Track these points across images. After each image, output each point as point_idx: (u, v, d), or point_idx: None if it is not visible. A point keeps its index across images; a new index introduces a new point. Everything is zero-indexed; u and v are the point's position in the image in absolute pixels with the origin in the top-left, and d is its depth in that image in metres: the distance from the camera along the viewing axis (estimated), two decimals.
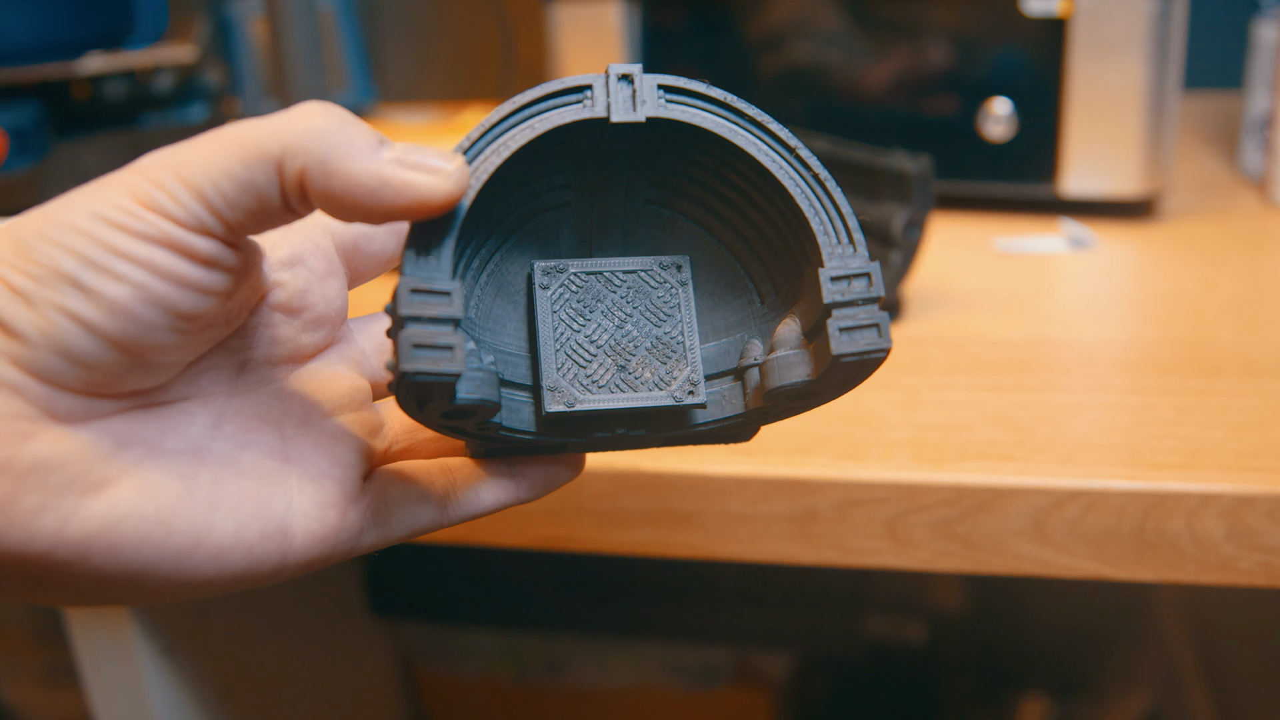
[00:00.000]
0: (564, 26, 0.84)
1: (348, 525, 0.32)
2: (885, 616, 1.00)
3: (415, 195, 0.28)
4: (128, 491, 0.28)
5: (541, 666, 1.00)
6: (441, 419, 0.31)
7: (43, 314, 0.27)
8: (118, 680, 0.65)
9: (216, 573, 0.29)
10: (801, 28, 0.81)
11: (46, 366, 0.27)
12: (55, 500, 0.27)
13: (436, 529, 0.35)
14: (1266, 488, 0.45)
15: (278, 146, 0.28)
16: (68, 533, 0.27)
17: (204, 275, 0.28)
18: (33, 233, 0.27)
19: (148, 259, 0.27)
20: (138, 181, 0.28)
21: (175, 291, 0.28)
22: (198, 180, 0.28)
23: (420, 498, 0.34)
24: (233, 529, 0.30)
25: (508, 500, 0.35)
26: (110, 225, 0.27)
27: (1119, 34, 0.73)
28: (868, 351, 0.30)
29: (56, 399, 0.27)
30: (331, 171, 0.28)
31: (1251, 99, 0.85)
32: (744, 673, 0.96)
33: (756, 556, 0.50)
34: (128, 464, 0.28)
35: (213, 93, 0.95)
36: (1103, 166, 0.76)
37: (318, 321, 0.34)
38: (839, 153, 0.65)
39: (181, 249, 0.27)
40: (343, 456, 0.33)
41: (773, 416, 0.34)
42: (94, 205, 0.27)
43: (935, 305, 0.65)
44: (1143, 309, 0.64)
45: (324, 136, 0.28)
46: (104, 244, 0.27)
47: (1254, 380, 0.54)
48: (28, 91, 0.86)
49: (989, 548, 0.48)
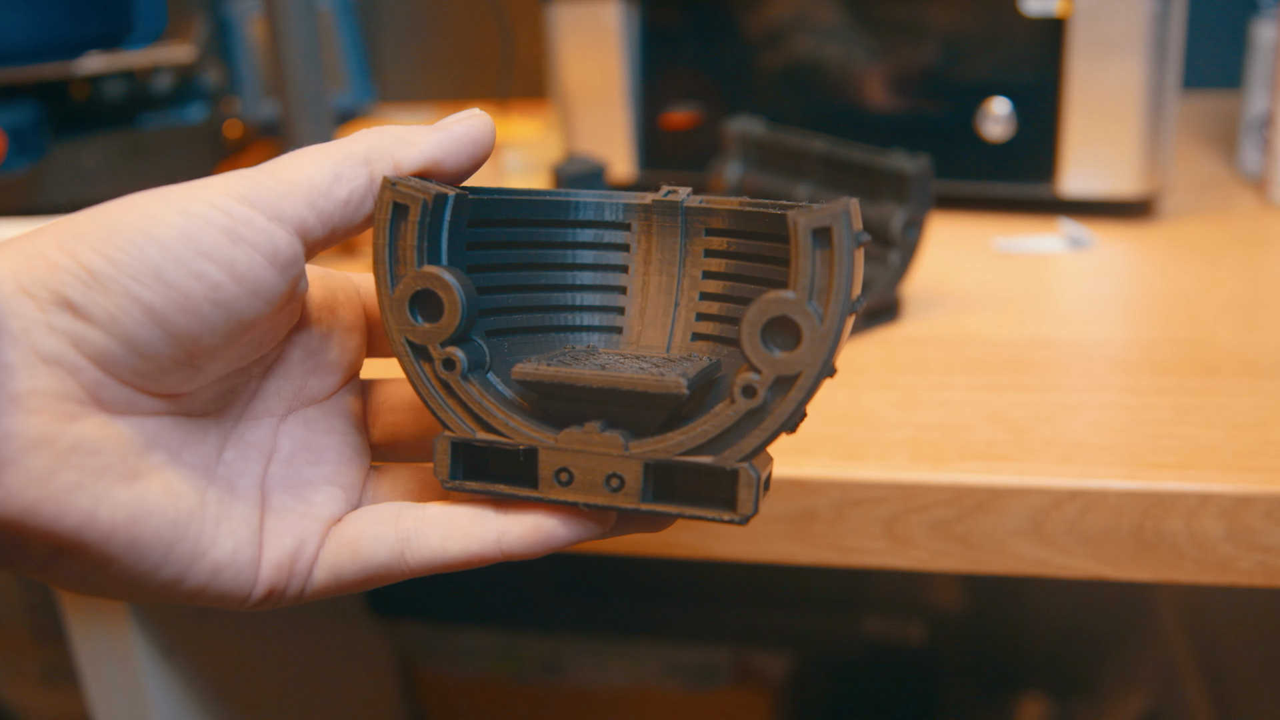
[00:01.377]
0: (563, 26, 0.84)
1: (303, 557, 0.33)
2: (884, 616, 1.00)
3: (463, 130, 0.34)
4: (155, 489, 0.29)
5: (540, 666, 1.00)
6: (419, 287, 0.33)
7: (114, 300, 0.28)
8: (116, 680, 0.65)
9: (206, 586, 0.31)
10: (801, 27, 0.82)
11: (106, 352, 0.28)
12: (92, 481, 0.28)
13: (395, 571, 0.33)
14: (1265, 487, 0.45)
15: (361, 147, 0.32)
16: (98, 515, 0.28)
17: (275, 282, 0.30)
18: (123, 219, 0.29)
19: (229, 259, 0.29)
20: (236, 180, 0.30)
21: (245, 297, 0.30)
22: (296, 175, 0.31)
23: (376, 538, 0.33)
24: (230, 549, 0.31)
25: (480, 550, 0.33)
26: (202, 222, 0.29)
27: (1118, 34, 0.73)
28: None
29: (105, 386, 0.28)
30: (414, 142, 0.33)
31: (1250, 99, 0.85)
32: (743, 673, 0.96)
33: (755, 556, 0.50)
34: (155, 464, 0.30)
35: (211, 93, 0.95)
36: (1101, 166, 0.76)
37: (330, 368, 0.36)
38: (838, 153, 0.65)
39: (267, 249, 0.30)
40: (313, 508, 0.34)
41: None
42: (187, 202, 0.29)
43: (934, 305, 0.65)
44: (1141, 309, 0.64)
45: (392, 130, 0.33)
46: (192, 240, 0.29)
47: (1252, 380, 0.54)
48: (26, 91, 0.86)
49: (987, 548, 0.48)
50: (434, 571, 0.33)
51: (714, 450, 0.32)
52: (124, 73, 0.88)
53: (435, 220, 0.33)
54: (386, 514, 0.33)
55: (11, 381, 0.27)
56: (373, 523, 0.33)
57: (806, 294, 0.30)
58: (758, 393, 0.31)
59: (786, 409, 0.31)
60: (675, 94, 0.85)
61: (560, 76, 0.86)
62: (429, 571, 0.33)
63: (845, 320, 0.31)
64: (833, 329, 0.30)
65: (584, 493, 0.32)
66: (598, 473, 0.32)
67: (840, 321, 0.30)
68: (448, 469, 0.34)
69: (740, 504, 0.32)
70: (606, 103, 0.85)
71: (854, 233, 0.31)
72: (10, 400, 0.27)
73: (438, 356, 0.33)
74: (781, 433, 0.32)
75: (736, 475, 0.32)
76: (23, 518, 0.27)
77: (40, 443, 0.27)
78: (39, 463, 0.27)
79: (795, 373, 0.31)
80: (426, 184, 0.33)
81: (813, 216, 0.31)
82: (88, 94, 0.88)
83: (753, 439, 0.31)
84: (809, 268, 0.30)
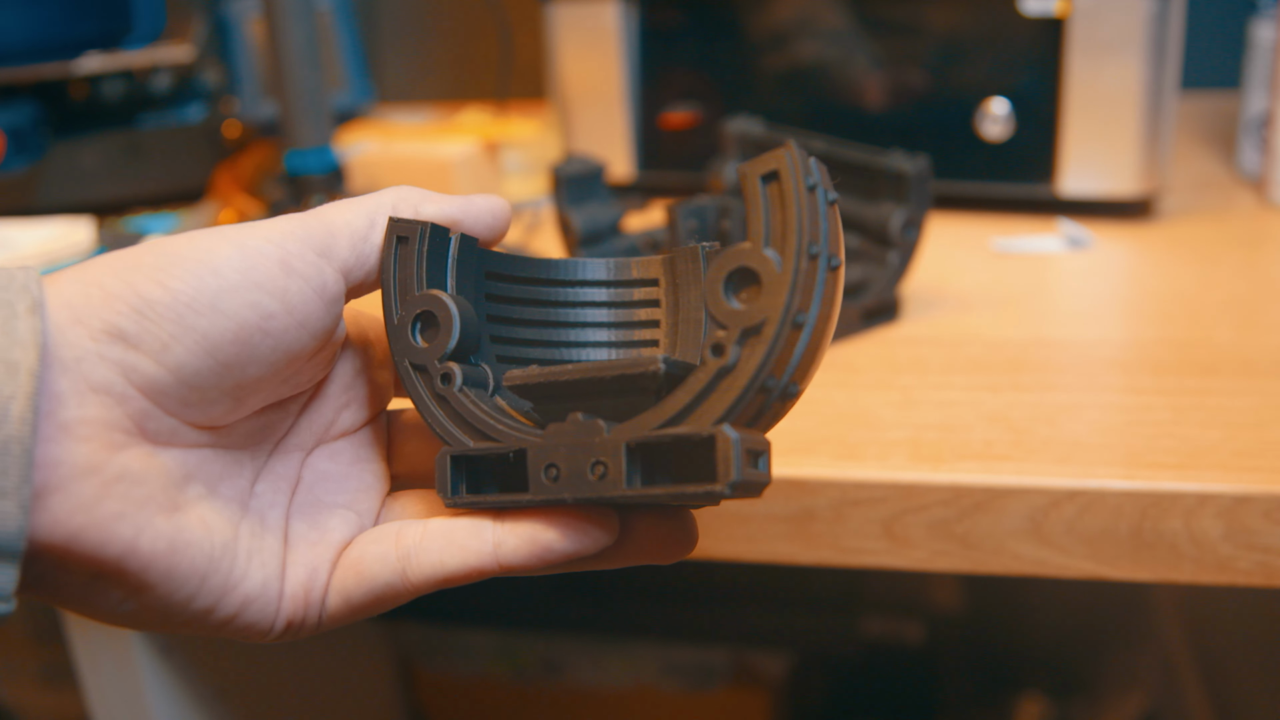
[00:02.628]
0: (562, 26, 0.85)
1: (316, 585, 0.33)
2: (883, 616, 1.00)
3: (480, 201, 0.36)
4: (193, 522, 0.30)
5: (539, 666, 1.00)
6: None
7: (168, 329, 0.29)
8: (115, 680, 0.65)
9: (235, 618, 0.31)
10: (800, 27, 0.82)
11: (154, 381, 0.29)
12: (134, 511, 0.28)
13: (399, 590, 0.33)
14: (1264, 487, 0.45)
15: (389, 197, 0.35)
16: (139, 544, 0.28)
17: (321, 315, 0.32)
18: (181, 251, 0.30)
19: (282, 290, 0.31)
20: (287, 220, 0.32)
21: (294, 328, 0.31)
22: (336, 220, 0.33)
23: (378, 557, 0.33)
24: (260, 581, 0.32)
25: (477, 564, 0.32)
26: (260, 255, 0.31)
27: (1116, 34, 0.73)
28: None
29: (150, 417, 0.29)
30: (434, 198, 0.35)
31: (1249, 99, 0.85)
32: (742, 673, 0.96)
33: (754, 557, 0.50)
34: (193, 497, 0.31)
35: (210, 93, 0.95)
36: (1100, 166, 0.76)
37: (360, 404, 0.37)
38: (837, 153, 0.65)
39: (315, 283, 0.32)
40: (327, 535, 0.34)
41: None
42: (246, 237, 0.31)
43: (933, 305, 0.65)
44: (1140, 309, 0.64)
45: (412, 188, 0.36)
46: (249, 271, 0.30)
47: (1251, 380, 0.54)
48: (25, 91, 0.86)
49: (986, 547, 0.48)
50: (437, 587, 0.33)
51: (691, 419, 0.30)
52: (123, 73, 0.88)
53: (438, 252, 0.35)
54: (387, 532, 0.34)
55: (62, 410, 0.28)
56: (374, 542, 0.33)
57: (762, 240, 0.30)
58: (725, 349, 0.30)
59: (754, 362, 0.30)
60: (674, 94, 0.85)
61: (559, 76, 0.86)
62: (432, 587, 0.33)
63: (807, 266, 0.30)
64: (791, 272, 0.29)
65: (571, 487, 0.31)
66: (583, 463, 0.31)
67: (799, 264, 0.30)
68: (449, 486, 0.33)
69: (720, 472, 0.29)
70: (605, 103, 0.85)
71: (806, 177, 0.30)
72: (60, 428, 0.27)
73: (435, 372, 0.34)
74: (759, 395, 0.30)
75: (713, 440, 0.30)
76: (68, 544, 0.28)
77: (87, 470, 0.28)
78: (85, 490, 0.28)
79: (759, 321, 0.30)
80: (426, 221, 0.34)
81: (759, 163, 0.30)
82: (87, 94, 0.88)
83: (724, 399, 0.30)
84: (762, 214, 0.30)
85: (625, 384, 0.32)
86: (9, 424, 0.26)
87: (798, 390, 0.31)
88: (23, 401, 0.27)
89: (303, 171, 0.75)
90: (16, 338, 0.27)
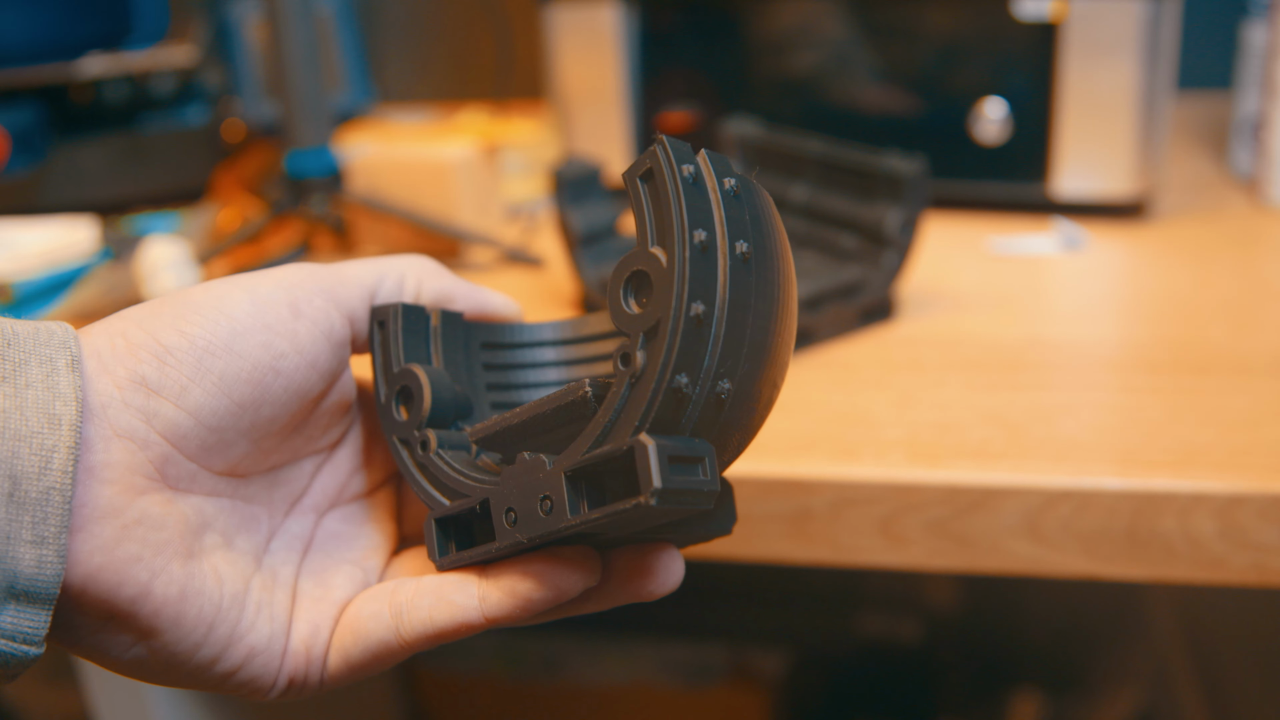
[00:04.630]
0: (561, 28, 0.85)
1: (318, 643, 0.34)
2: (880, 614, 1.00)
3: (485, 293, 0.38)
4: (206, 570, 0.31)
5: (538, 665, 1.00)
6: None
7: (186, 372, 0.30)
8: (117, 678, 0.66)
9: (239, 670, 0.32)
10: (799, 31, 0.82)
11: (175, 425, 0.30)
12: (151, 555, 0.29)
13: (393, 648, 0.33)
14: (1257, 487, 0.45)
15: (402, 263, 0.37)
16: (153, 588, 0.29)
17: (328, 358, 0.33)
18: (198, 300, 0.32)
19: (291, 332, 0.32)
20: (298, 269, 0.34)
21: (304, 369, 0.33)
22: (347, 272, 0.35)
23: (373, 615, 0.33)
24: (267, 635, 0.32)
25: (464, 618, 0.32)
26: (270, 300, 0.32)
27: (1111, 37, 0.73)
28: None
29: (171, 461, 0.30)
30: (442, 273, 0.37)
31: (1241, 100, 0.86)
32: (739, 670, 0.97)
33: (752, 555, 0.51)
34: (208, 546, 0.32)
35: (212, 95, 0.95)
36: (1095, 168, 0.76)
37: (374, 469, 0.38)
38: (834, 154, 0.65)
39: (323, 326, 0.33)
40: (330, 593, 0.35)
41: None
42: (258, 284, 0.33)
43: (929, 305, 0.66)
44: (1134, 309, 0.65)
45: (433, 262, 0.38)
46: (261, 315, 0.32)
47: (1245, 379, 0.54)
48: (29, 93, 0.86)
49: (982, 546, 0.48)
50: (430, 644, 0.33)
51: (613, 435, 0.29)
52: (125, 76, 0.89)
53: (416, 329, 0.36)
54: (383, 591, 0.34)
55: (89, 454, 0.29)
56: (370, 600, 0.34)
57: (649, 240, 0.29)
58: (632, 357, 0.29)
59: (656, 364, 0.28)
60: (673, 95, 0.86)
61: (558, 77, 0.87)
62: (424, 644, 0.33)
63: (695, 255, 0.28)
64: (676, 264, 0.28)
65: (526, 527, 0.30)
66: (532, 501, 0.30)
67: (683, 254, 0.28)
68: (436, 548, 0.34)
69: (641, 482, 0.27)
70: (604, 104, 0.86)
71: (681, 167, 0.29)
72: (86, 471, 0.29)
73: (414, 441, 0.35)
74: (672, 397, 0.28)
75: (630, 452, 0.28)
76: (84, 584, 0.28)
77: (109, 513, 0.29)
78: (106, 532, 0.29)
79: (655, 321, 0.28)
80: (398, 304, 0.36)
81: (635, 165, 0.30)
82: (89, 96, 0.88)
83: (635, 407, 0.29)
84: (646, 213, 0.29)
85: (564, 414, 0.31)
86: (51, 474, 0.28)
87: (733, 389, 0.29)
88: (64, 454, 0.28)
89: (303, 172, 0.76)
90: (58, 392, 0.28)
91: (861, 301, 0.62)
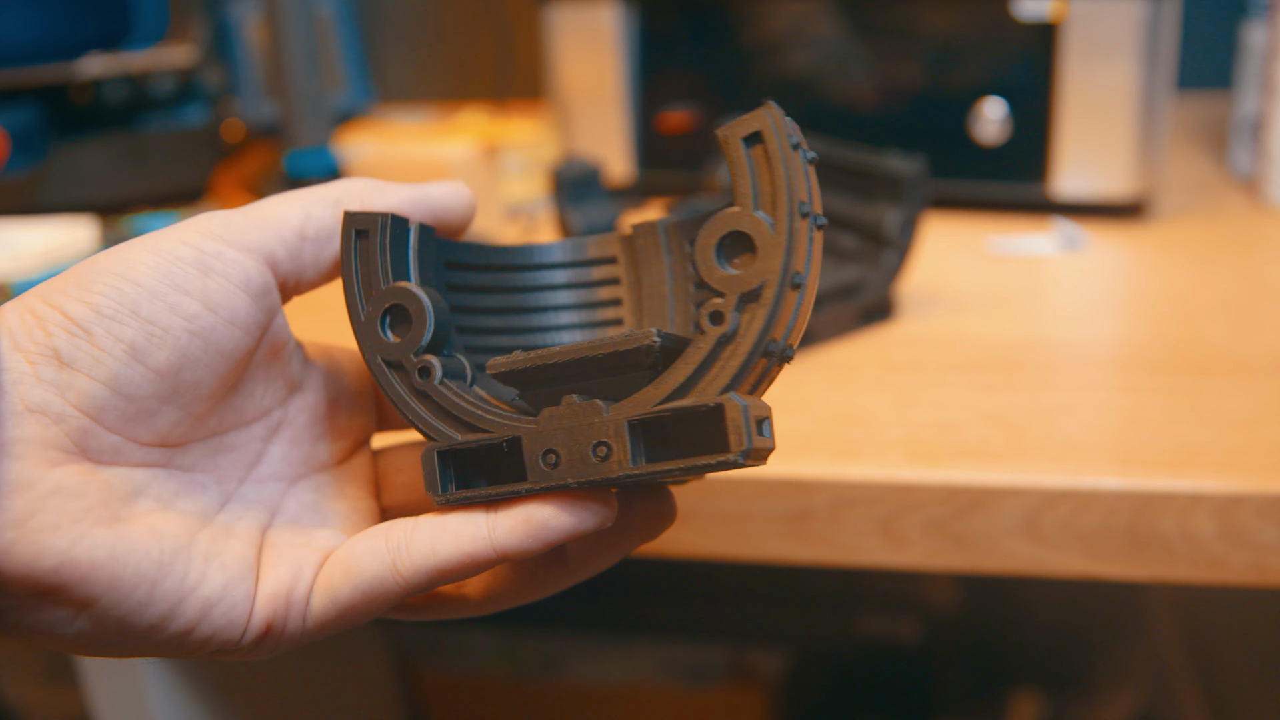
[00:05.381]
0: (561, 28, 0.85)
1: (300, 585, 0.32)
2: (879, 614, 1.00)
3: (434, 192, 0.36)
4: (138, 530, 0.30)
5: (538, 664, 1.00)
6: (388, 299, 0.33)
7: (97, 343, 0.29)
8: (117, 677, 0.66)
9: (197, 626, 0.30)
10: (797, 29, 0.82)
11: (91, 398, 0.29)
12: (69, 523, 0.28)
13: (388, 585, 0.32)
14: (1257, 487, 0.45)
15: (334, 191, 0.34)
16: (75, 554, 0.28)
17: (249, 310, 0.32)
18: (100, 267, 0.30)
19: (201, 289, 0.31)
20: (206, 218, 0.32)
21: (221, 326, 0.31)
22: (264, 212, 0.33)
23: (367, 551, 0.32)
24: (221, 584, 0.31)
25: (471, 550, 0.31)
26: (173, 258, 0.31)
27: (1110, 37, 0.73)
28: None
29: (91, 434, 0.30)
30: (386, 191, 0.35)
31: (1241, 100, 0.86)
32: (739, 670, 0.97)
33: (751, 555, 0.51)
34: (141, 511, 0.30)
35: (212, 95, 0.95)
36: (1094, 168, 0.76)
37: (338, 434, 0.37)
38: (833, 154, 0.65)
39: (238, 276, 0.32)
40: (314, 540, 0.33)
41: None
42: (159, 243, 0.31)
43: (928, 305, 0.66)
44: (1134, 309, 0.65)
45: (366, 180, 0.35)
46: (164, 275, 0.30)
47: (1244, 379, 0.54)
48: (29, 93, 0.86)
49: (982, 546, 0.48)
50: (431, 581, 0.32)
51: (695, 391, 0.30)
52: (125, 76, 0.89)
53: (399, 243, 0.34)
54: (377, 529, 0.33)
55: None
56: (363, 539, 0.33)
57: (752, 203, 0.30)
58: (724, 316, 0.29)
59: (757, 327, 0.29)
60: (672, 95, 0.86)
61: (558, 78, 0.87)
62: (425, 581, 0.32)
63: (800, 225, 0.29)
64: (785, 232, 0.29)
65: (573, 471, 0.30)
66: (584, 446, 0.30)
67: (792, 224, 0.29)
68: (439, 483, 0.32)
69: (731, 440, 0.29)
70: (604, 104, 0.86)
71: (787, 135, 0.30)
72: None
73: (412, 366, 0.32)
74: (761, 359, 0.30)
75: (721, 409, 0.29)
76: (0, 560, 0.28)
77: (20, 487, 0.28)
78: (17, 506, 0.28)
79: (757, 285, 0.29)
80: (385, 212, 0.33)
81: (740, 125, 0.30)
82: (89, 96, 0.88)
83: (729, 367, 0.29)
84: (749, 176, 0.30)
85: (619, 361, 0.31)
86: None
87: (793, 352, 0.31)
88: None
89: (303, 172, 0.76)
90: None
91: (861, 301, 0.62)
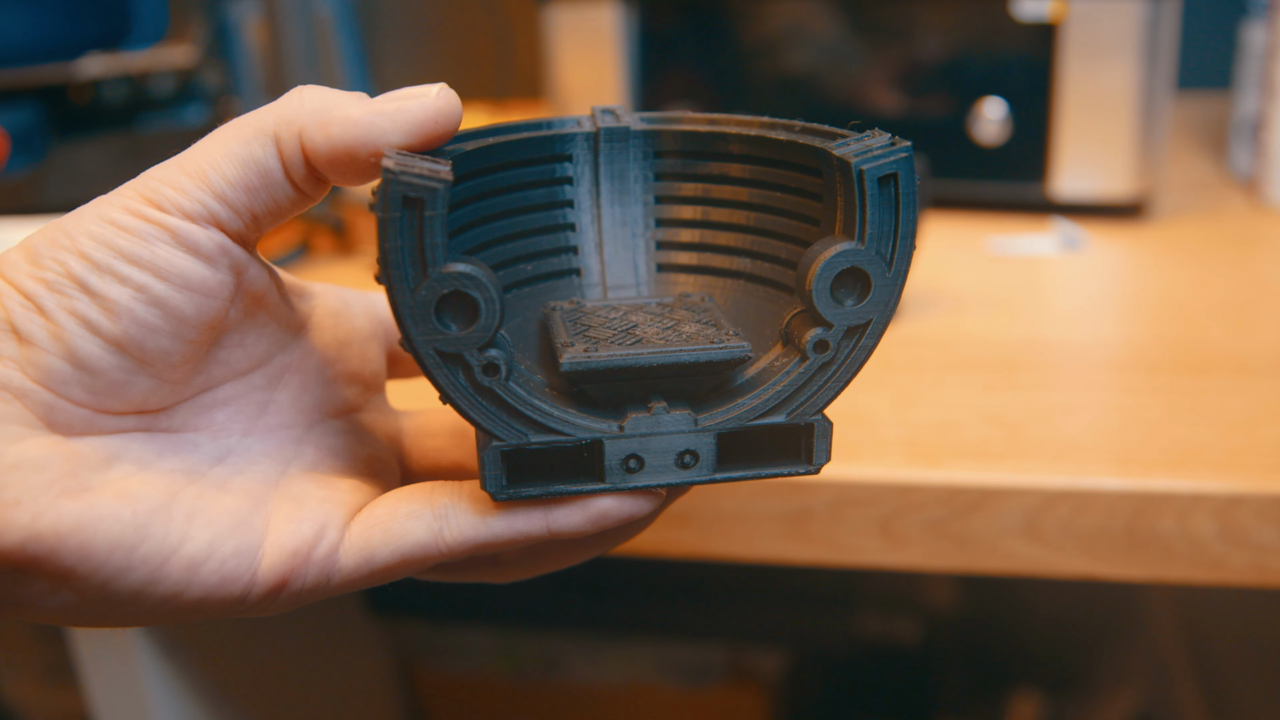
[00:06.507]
0: (560, 29, 0.85)
1: (324, 541, 0.31)
2: (879, 614, 1.00)
3: (409, 118, 0.30)
4: (107, 496, 0.28)
5: (537, 664, 1.00)
6: (436, 294, 0.28)
7: (53, 319, 0.28)
8: (117, 678, 0.66)
9: (186, 586, 0.29)
10: (796, 29, 0.82)
11: (53, 373, 0.28)
12: (33, 496, 0.27)
13: (430, 551, 0.31)
14: (1257, 487, 0.45)
15: (271, 120, 0.30)
16: (39, 527, 0.27)
17: (205, 274, 0.30)
18: (46, 241, 0.29)
19: (149, 259, 0.29)
20: (144, 182, 0.30)
21: (176, 294, 0.29)
22: (200, 166, 0.30)
23: (411, 514, 0.31)
24: (207, 541, 0.29)
25: (526, 528, 0.30)
26: (115, 227, 0.29)
27: (1110, 38, 0.73)
28: (884, 156, 0.30)
29: (58, 408, 0.29)
30: (328, 121, 0.29)
31: (1241, 100, 0.86)
32: (738, 670, 0.97)
33: (751, 555, 0.51)
34: (115, 477, 0.29)
35: (211, 95, 0.95)
36: (1094, 168, 0.76)
37: (349, 379, 0.35)
38: None
39: (185, 244, 0.29)
40: (338, 494, 0.32)
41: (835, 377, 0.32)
42: (101, 210, 0.29)
43: (928, 305, 0.66)
44: (1134, 309, 0.65)
45: (312, 99, 0.30)
46: (109, 246, 0.29)
47: (1244, 379, 0.54)
48: (28, 93, 0.86)
49: (981, 546, 0.48)
50: (474, 551, 0.30)
51: (787, 408, 0.32)
52: (124, 76, 0.89)
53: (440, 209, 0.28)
54: (419, 491, 0.31)
55: None
56: (404, 500, 0.31)
57: (874, 242, 0.31)
58: (829, 345, 0.31)
59: (859, 358, 0.32)
60: (671, 95, 0.86)
61: (557, 77, 0.87)
62: (468, 551, 0.30)
63: (911, 266, 0.31)
64: (902, 275, 0.31)
65: (654, 475, 0.31)
66: (669, 453, 0.31)
67: (907, 266, 0.31)
68: (501, 481, 0.30)
69: (816, 455, 0.32)
70: (603, 103, 0.86)
71: (916, 178, 0.31)
72: None
73: (476, 364, 0.29)
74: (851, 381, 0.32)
75: (813, 429, 0.32)
76: None
77: None
78: None
79: (865, 320, 0.31)
80: (436, 165, 0.28)
81: (875, 161, 0.30)
82: (89, 96, 0.88)
83: (827, 391, 0.32)
84: (876, 214, 0.30)
85: (707, 368, 0.31)
86: None
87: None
88: None
89: None
90: None
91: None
